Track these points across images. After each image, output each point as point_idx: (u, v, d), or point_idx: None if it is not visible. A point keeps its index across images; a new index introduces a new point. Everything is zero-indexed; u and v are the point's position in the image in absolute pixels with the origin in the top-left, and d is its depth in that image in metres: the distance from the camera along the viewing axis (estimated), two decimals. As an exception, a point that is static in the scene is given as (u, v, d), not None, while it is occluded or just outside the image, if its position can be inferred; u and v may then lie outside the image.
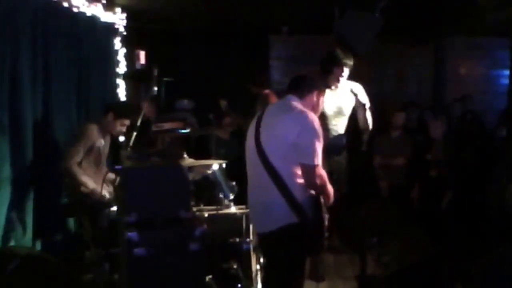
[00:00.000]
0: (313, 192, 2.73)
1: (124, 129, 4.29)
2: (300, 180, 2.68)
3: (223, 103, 6.93)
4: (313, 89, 2.85)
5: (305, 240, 2.71)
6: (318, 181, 2.69)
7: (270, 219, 2.72)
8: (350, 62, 4.32)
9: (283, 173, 2.64)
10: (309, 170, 2.64)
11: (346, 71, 4.32)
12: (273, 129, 2.70)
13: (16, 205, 3.75)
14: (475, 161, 5.17)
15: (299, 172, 2.67)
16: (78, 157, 3.89)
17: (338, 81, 4.33)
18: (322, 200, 2.78)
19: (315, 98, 2.86)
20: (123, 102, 4.87)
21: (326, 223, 2.81)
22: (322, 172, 2.72)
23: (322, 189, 2.77)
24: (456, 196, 4.90)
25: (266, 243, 2.86)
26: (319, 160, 2.66)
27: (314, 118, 2.70)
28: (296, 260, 2.79)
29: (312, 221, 2.69)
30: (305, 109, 2.74)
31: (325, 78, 4.22)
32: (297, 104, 2.78)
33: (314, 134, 2.65)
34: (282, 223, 2.68)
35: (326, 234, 2.91)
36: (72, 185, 3.95)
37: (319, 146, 2.65)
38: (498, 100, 7.79)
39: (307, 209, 2.68)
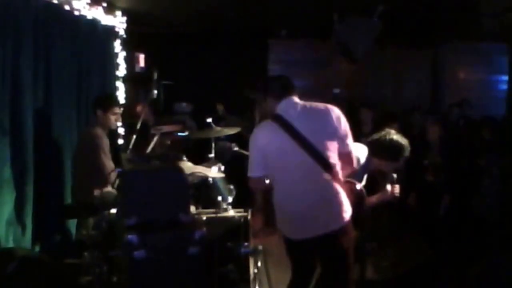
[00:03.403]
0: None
1: (118, 118, 4.26)
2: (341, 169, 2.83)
3: (220, 108, 6.96)
4: (295, 87, 2.98)
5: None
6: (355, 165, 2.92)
7: (337, 215, 2.76)
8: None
9: (334, 165, 2.76)
10: (349, 158, 2.87)
11: None
12: (314, 126, 2.78)
13: (16, 206, 3.76)
14: (469, 167, 5.18)
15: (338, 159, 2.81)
16: (109, 164, 3.92)
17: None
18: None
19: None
20: (101, 95, 4.80)
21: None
22: None
23: None
24: (452, 201, 4.91)
25: (332, 240, 2.78)
26: None
27: (336, 108, 2.87)
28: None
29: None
30: (322, 104, 2.89)
31: None
32: (301, 101, 2.91)
33: (346, 122, 2.84)
34: (348, 215, 2.78)
35: None
36: (85, 188, 3.97)
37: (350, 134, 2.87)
38: (497, 106, 7.82)
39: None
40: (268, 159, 2.82)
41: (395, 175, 3.26)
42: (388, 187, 3.31)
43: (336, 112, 2.83)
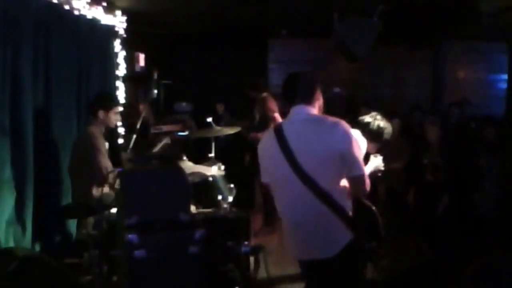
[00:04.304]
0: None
1: (118, 117, 4.26)
2: (344, 193, 2.54)
3: (220, 107, 6.97)
4: (316, 88, 2.64)
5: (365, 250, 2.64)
6: (368, 188, 2.56)
7: (332, 242, 2.52)
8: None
9: (331, 191, 2.46)
10: (360, 181, 2.51)
11: None
12: (310, 146, 2.47)
13: (16, 206, 3.76)
14: (469, 167, 5.19)
15: (342, 185, 2.52)
16: (107, 164, 3.91)
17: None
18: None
19: (319, 96, 2.66)
20: (102, 94, 4.80)
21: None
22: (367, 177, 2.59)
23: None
24: (452, 200, 4.92)
25: (329, 267, 2.57)
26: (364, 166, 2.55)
27: (347, 126, 2.53)
28: (360, 272, 2.71)
29: (366, 229, 2.61)
30: (335, 119, 2.55)
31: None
32: (313, 111, 2.60)
33: (356, 143, 2.51)
34: (344, 242, 2.50)
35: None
36: (82, 187, 3.99)
37: (361, 153, 2.56)
38: (496, 105, 7.82)
39: (357, 221, 2.55)
40: (266, 169, 2.70)
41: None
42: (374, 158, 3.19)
43: (342, 130, 2.47)
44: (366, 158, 3.12)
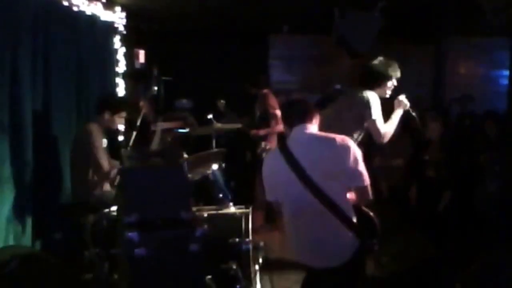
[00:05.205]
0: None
1: (122, 121, 4.27)
2: (350, 204, 2.69)
3: (221, 104, 6.94)
4: (312, 109, 2.82)
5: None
6: (371, 197, 2.73)
7: (340, 251, 2.66)
8: (398, 74, 3.90)
9: (339, 203, 2.62)
10: (364, 191, 2.69)
11: (393, 82, 3.92)
12: (316, 163, 2.63)
13: (15, 204, 3.74)
14: (469, 163, 5.17)
15: (347, 196, 2.68)
16: (106, 161, 3.91)
17: (385, 94, 3.89)
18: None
19: (316, 115, 2.84)
20: (114, 97, 4.81)
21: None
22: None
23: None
24: (453, 197, 4.90)
25: (338, 275, 2.70)
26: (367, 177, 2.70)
27: (348, 140, 2.70)
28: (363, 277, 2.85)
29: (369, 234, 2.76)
30: (336, 136, 2.70)
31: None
32: (314, 129, 2.78)
33: (359, 155, 2.66)
34: (352, 250, 2.66)
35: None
36: (84, 185, 3.97)
37: (362, 165, 2.68)
38: (498, 101, 7.80)
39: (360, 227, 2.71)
40: (274, 187, 2.79)
41: None
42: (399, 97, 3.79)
43: (344, 146, 2.64)
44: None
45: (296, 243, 2.80)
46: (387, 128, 3.69)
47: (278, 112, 5.56)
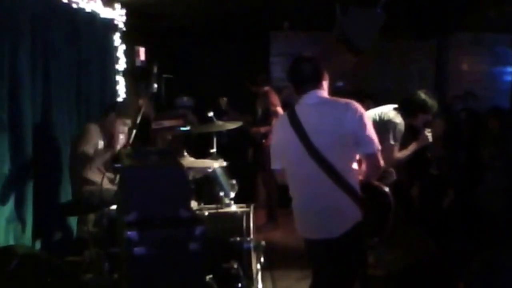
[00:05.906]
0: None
1: (125, 129, 4.26)
2: (356, 174, 2.62)
3: (223, 101, 6.91)
4: (322, 70, 2.78)
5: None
6: (382, 165, 2.64)
7: (341, 221, 2.60)
8: (435, 107, 3.93)
9: (343, 171, 2.55)
10: (375, 158, 2.60)
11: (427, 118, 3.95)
12: (323, 127, 2.57)
13: (15, 203, 3.73)
14: (469, 160, 5.14)
15: (353, 165, 2.61)
16: (89, 159, 3.91)
17: (416, 123, 3.94)
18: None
19: (326, 76, 2.81)
20: (124, 101, 4.84)
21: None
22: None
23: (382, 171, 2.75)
24: (456, 194, 4.88)
25: (337, 246, 2.64)
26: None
27: (359, 105, 2.64)
28: (364, 253, 2.80)
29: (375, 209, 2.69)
30: (346, 100, 2.66)
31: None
32: (323, 93, 2.72)
33: (368, 121, 2.60)
34: (354, 221, 2.59)
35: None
36: (79, 184, 3.94)
37: (373, 131, 2.63)
38: (501, 97, 7.75)
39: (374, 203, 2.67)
40: (281, 153, 2.76)
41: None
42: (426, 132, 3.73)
43: (354, 110, 2.58)
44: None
45: (299, 212, 2.74)
46: (400, 156, 3.74)
47: (280, 110, 5.53)
